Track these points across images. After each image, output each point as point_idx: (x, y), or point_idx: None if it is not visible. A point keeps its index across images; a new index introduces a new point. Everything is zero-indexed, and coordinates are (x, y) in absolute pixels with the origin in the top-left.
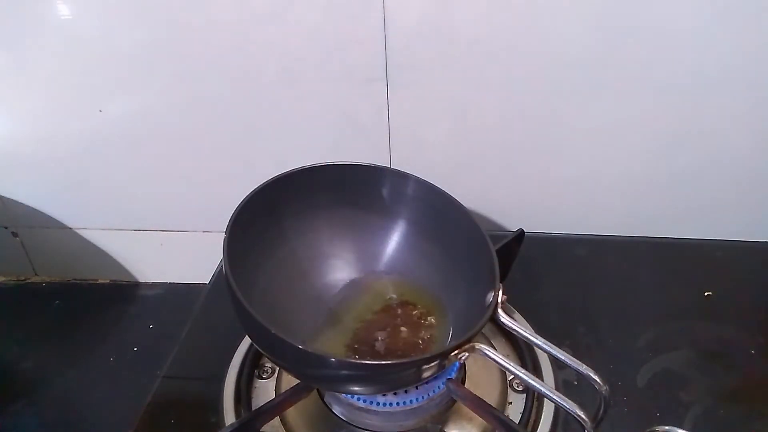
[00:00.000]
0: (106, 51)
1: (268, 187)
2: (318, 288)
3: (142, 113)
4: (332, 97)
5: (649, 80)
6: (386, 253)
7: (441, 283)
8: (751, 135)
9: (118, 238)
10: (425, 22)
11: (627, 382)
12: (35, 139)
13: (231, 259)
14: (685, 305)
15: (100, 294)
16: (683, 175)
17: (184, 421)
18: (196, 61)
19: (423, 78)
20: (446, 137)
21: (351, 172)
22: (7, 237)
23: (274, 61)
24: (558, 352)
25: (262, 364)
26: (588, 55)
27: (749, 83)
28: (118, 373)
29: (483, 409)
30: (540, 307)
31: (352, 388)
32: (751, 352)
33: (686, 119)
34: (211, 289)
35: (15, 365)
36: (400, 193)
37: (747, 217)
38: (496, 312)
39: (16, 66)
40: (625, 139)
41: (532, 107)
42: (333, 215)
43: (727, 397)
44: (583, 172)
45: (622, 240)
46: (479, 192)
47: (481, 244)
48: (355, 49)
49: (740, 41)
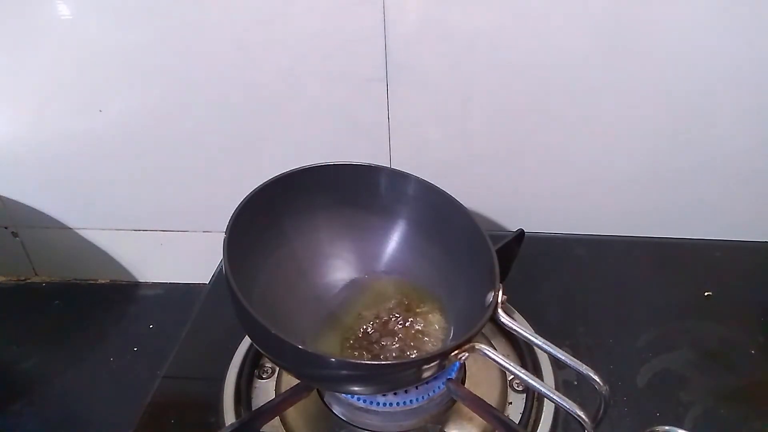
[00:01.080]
0: (106, 51)
1: (268, 187)
2: (318, 288)
3: (142, 113)
4: (332, 97)
5: (649, 80)
6: (386, 253)
7: (441, 283)
8: (750, 135)
9: (118, 238)
10: (425, 22)
11: (627, 382)
12: (35, 139)
13: (231, 259)
14: (685, 305)
15: (100, 294)
16: (683, 174)
17: (184, 421)
18: (197, 62)
19: (423, 78)
20: (446, 137)
21: (351, 172)
22: (7, 237)
23: (274, 61)
24: (558, 352)
25: (262, 364)
26: (588, 55)
27: (750, 83)
28: (118, 373)
29: (483, 409)
30: (540, 307)
31: (352, 388)
32: (751, 352)
33: (686, 119)
34: (211, 289)
35: (15, 365)
36: (400, 193)
37: (747, 217)
38: (496, 312)
39: (16, 66)
40: (625, 139)
41: (532, 107)
42: (333, 215)
43: (727, 397)
44: (583, 172)
45: (622, 240)
46: (479, 192)
47: (481, 244)
48: (355, 49)
49: (741, 41)
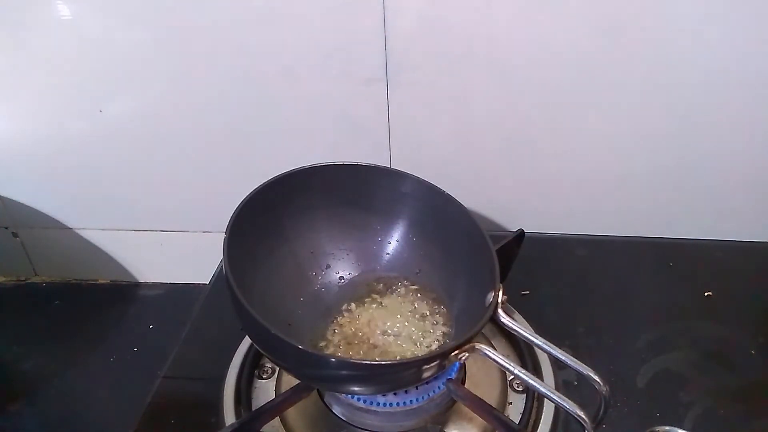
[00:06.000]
0: (106, 51)
1: (268, 187)
2: (318, 288)
3: (142, 113)
4: (332, 97)
5: (650, 80)
6: (386, 253)
7: (441, 283)
8: (751, 136)
9: (118, 238)
10: (425, 22)
11: (627, 382)
12: (35, 139)
13: (231, 259)
14: (685, 305)
15: (100, 294)
16: (683, 175)
17: (184, 421)
18: (196, 61)
19: (423, 78)
20: (446, 137)
21: (351, 172)
22: (7, 237)
23: (274, 61)
24: (558, 352)
25: (262, 364)
26: (588, 54)
27: (750, 84)
28: (118, 373)
29: (483, 409)
30: (540, 307)
31: (352, 388)
32: (751, 352)
33: (686, 120)
34: (211, 289)
35: (15, 365)
36: (400, 193)
37: (747, 217)
38: (496, 312)
39: (16, 66)
40: (625, 139)
41: (532, 107)
42: (333, 215)
43: (727, 397)
44: (582, 172)
45: (622, 240)
46: (479, 192)
47: (481, 244)
48: (355, 49)
49: (741, 42)
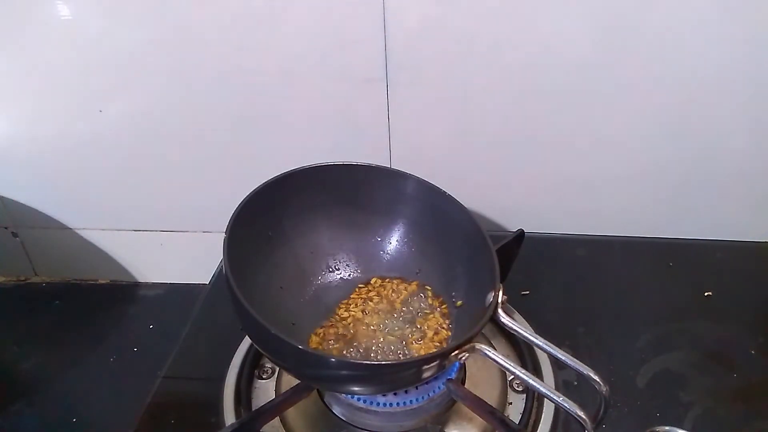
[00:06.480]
0: (106, 51)
1: (268, 187)
2: (318, 288)
3: (142, 113)
4: (332, 97)
5: (650, 81)
6: (386, 253)
7: (441, 283)
8: (751, 136)
9: (118, 238)
10: (425, 22)
11: (627, 382)
12: (35, 139)
13: (231, 259)
14: (685, 305)
15: (100, 294)
16: (683, 175)
17: (184, 421)
18: (196, 62)
19: (423, 78)
20: (446, 137)
21: (351, 172)
22: (7, 237)
23: (273, 61)
24: (558, 352)
25: (262, 364)
26: (588, 55)
27: (750, 84)
28: (118, 373)
29: (483, 409)
30: (540, 307)
31: (352, 388)
32: (751, 352)
33: (686, 120)
34: (211, 289)
35: (15, 365)
36: (400, 193)
37: (747, 217)
38: (496, 312)
39: (16, 66)
40: (625, 139)
41: (532, 107)
42: (333, 215)
43: (727, 397)
44: (583, 172)
45: (622, 240)
46: (479, 192)
47: (481, 244)
48: (355, 49)
49: (741, 42)
